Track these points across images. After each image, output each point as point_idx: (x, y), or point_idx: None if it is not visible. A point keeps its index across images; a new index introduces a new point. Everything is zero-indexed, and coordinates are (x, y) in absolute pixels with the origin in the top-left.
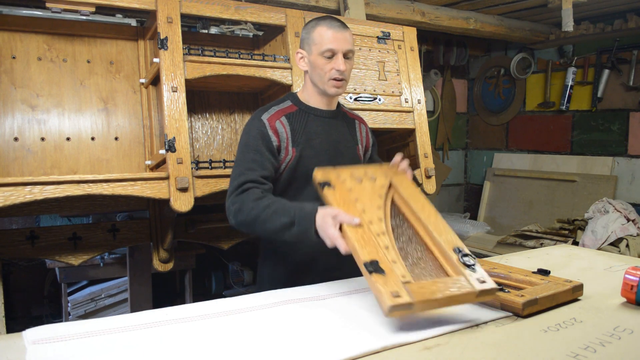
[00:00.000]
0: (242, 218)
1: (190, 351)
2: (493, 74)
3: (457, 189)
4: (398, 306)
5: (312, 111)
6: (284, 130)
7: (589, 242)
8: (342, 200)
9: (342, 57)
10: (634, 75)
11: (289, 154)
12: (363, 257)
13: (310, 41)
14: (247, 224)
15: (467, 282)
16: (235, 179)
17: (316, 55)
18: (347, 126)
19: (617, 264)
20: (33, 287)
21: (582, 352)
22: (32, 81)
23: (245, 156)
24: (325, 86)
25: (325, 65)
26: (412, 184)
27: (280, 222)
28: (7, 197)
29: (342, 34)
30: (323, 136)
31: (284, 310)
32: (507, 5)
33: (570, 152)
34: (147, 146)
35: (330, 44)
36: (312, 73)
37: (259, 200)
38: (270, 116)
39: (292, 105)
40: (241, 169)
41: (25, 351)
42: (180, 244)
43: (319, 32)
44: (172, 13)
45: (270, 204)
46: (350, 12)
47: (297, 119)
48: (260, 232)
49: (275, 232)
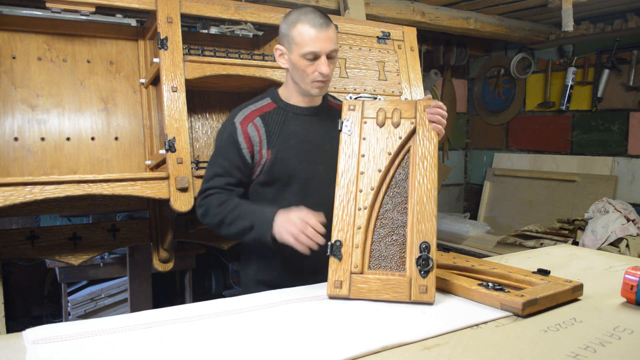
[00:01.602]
0: (208, 221)
1: (190, 351)
2: (493, 74)
3: (457, 189)
4: (335, 296)
5: (291, 109)
6: (257, 134)
7: (589, 242)
8: (346, 155)
9: (326, 59)
10: (634, 75)
11: (263, 157)
12: (333, 235)
13: (291, 39)
14: (213, 226)
15: (408, 287)
16: (204, 181)
17: (297, 56)
18: (333, 121)
19: (617, 264)
20: (33, 287)
21: (582, 352)
22: (32, 81)
23: (216, 160)
24: (308, 87)
25: (307, 67)
26: (432, 141)
27: (241, 225)
28: (7, 197)
29: (325, 33)
30: (301, 135)
31: (284, 310)
32: (507, 5)
33: (570, 152)
34: (147, 146)
35: (312, 46)
36: (293, 73)
37: (223, 205)
38: (243, 118)
39: (271, 102)
40: (210, 173)
41: (25, 351)
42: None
43: (299, 31)
44: (172, 13)
45: (233, 207)
46: (350, 12)
47: (274, 118)
48: (226, 234)
49: (238, 235)
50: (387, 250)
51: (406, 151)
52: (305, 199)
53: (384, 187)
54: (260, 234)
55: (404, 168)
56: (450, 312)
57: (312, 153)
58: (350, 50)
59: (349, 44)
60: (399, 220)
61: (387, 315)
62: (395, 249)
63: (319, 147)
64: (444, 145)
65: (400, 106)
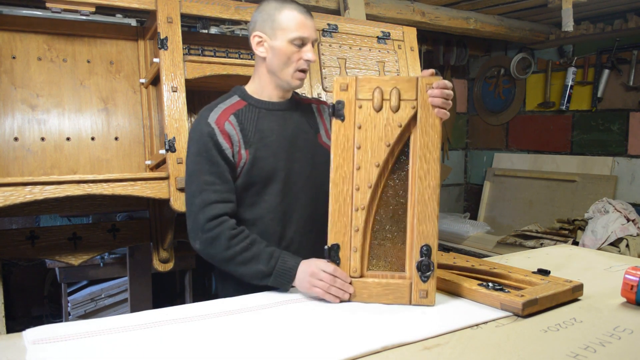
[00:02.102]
0: (211, 253)
1: (190, 351)
2: (493, 74)
3: (457, 189)
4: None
5: (263, 105)
6: (235, 132)
7: (589, 242)
8: (340, 147)
9: (311, 46)
10: (634, 75)
11: (242, 157)
12: (329, 238)
13: (276, 24)
14: (217, 260)
15: (408, 292)
16: (195, 195)
17: (283, 41)
18: (304, 115)
19: (617, 264)
20: (33, 287)
21: (582, 352)
22: (32, 81)
23: (202, 168)
24: (289, 77)
25: (294, 54)
26: (436, 129)
27: (256, 269)
28: (7, 197)
29: (310, 21)
30: (277, 132)
31: (283, 310)
32: (507, 5)
33: (570, 152)
34: (147, 146)
35: (301, 31)
36: (274, 61)
37: (234, 240)
38: (218, 117)
39: (240, 100)
40: (199, 185)
41: (25, 351)
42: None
43: (287, 16)
44: (172, 13)
45: (248, 246)
46: (350, 12)
47: (247, 116)
48: (233, 272)
49: (248, 276)
50: (387, 252)
51: (406, 141)
52: (284, 200)
53: (382, 185)
54: (278, 284)
55: (404, 162)
56: (450, 312)
57: (288, 150)
58: (350, 50)
59: (349, 44)
60: (398, 220)
61: (387, 315)
62: (394, 251)
63: (294, 144)
64: (444, 145)
65: (400, 85)
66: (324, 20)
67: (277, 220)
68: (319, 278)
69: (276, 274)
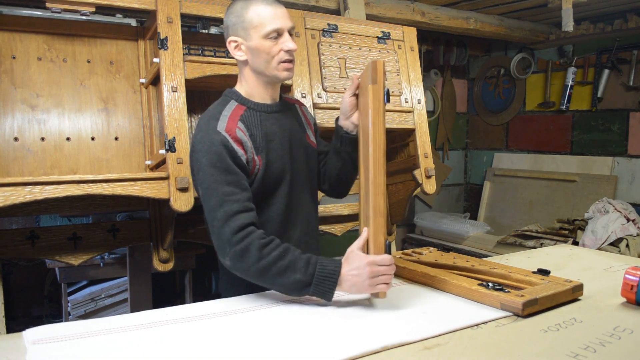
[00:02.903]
0: (242, 267)
1: (190, 351)
2: (493, 74)
3: (457, 189)
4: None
5: (262, 108)
6: (247, 139)
7: (589, 242)
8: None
9: (289, 36)
10: (634, 75)
11: (256, 164)
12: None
13: (247, 24)
14: (251, 274)
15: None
16: (216, 209)
17: (258, 39)
18: (294, 115)
19: (617, 264)
20: (33, 287)
21: (582, 352)
22: (32, 81)
23: (219, 178)
24: (275, 71)
25: (272, 47)
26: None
27: (294, 279)
28: (7, 197)
29: (281, 9)
30: (279, 134)
31: (284, 310)
32: (507, 5)
33: (570, 152)
34: (147, 146)
35: (273, 22)
36: (255, 61)
37: (265, 249)
38: (227, 125)
39: (239, 105)
40: (220, 196)
41: (25, 351)
42: (180, 244)
43: (255, 12)
44: (172, 13)
45: (281, 254)
46: (350, 12)
47: (251, 120)
48: (266, 284)
49: (288, 289)
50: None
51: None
52: (289, 202)
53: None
54: (320, 293)
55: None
56: (451, 312)
57: (290, 151)
58: (350, 50)
59: (349, 44)
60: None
61: (387, 315)
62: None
63: (292, 145)
64: (444, 145)
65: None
66: (324, 20)
67: (284, 223)
68: (365, 273)
69: (316, 282)
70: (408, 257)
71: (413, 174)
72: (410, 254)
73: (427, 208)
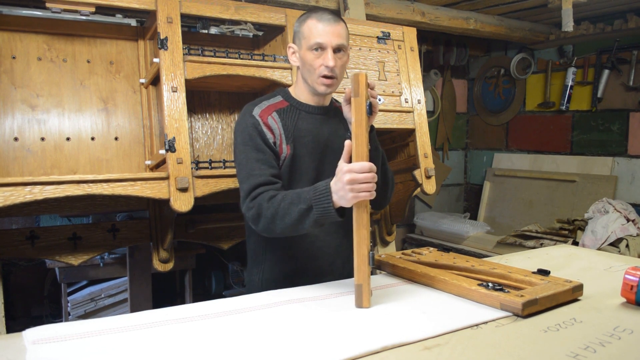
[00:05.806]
0: (262, 222)
1: (190, 351)
2: (493, 74)
3: (457, 189)
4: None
5: (303, 107)
6: (277, 127)
7: (589, 242)
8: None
9: (332, 52)
10: (634, 75)
11: (283, 151)
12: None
13: (301, 35)
14: (268, 227)
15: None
16: (244, 181)
17: (305, 49)
18: (342, 121)
19: (617, 264)
20: (33, 287)
21: (582, 352)
22: (32, 81)
23: (249, 155)
24: (315, 84)
25: (314, 60)
26: (357, 114)
27: (297, 210)
28: (7, 197)
29: (333, 27)
30: (314, 133)
31: (284, 310)
32: (507, 5)
33: (570, 152)
34: (147, 146)
35: (318, 37)
36: (302, 69)
37: (273, 199)
38: (261, 111)
39: (282, 100)
40: (247, 171)
41: (25, 351)
42: (180, 244)
43: (308, 26)
44: (172, 13)
45: (284, 196)
46: (350, 12)
47: (288, 115)
48: (282, 229)
49: (296, 223)
50: None
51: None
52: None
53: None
54: (322, 212)
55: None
56: (450, 312)
57: (322, 152)
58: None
59: (349, 44)
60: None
61: (387, 315)
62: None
63: (327, 147)
64: (444, 145)
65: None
66: None
67: None
68: (357, 182)
69: (315, 203)
70: (408, 257)
71: (413, 174)
72: (410, 254)
73: (427, 208)
